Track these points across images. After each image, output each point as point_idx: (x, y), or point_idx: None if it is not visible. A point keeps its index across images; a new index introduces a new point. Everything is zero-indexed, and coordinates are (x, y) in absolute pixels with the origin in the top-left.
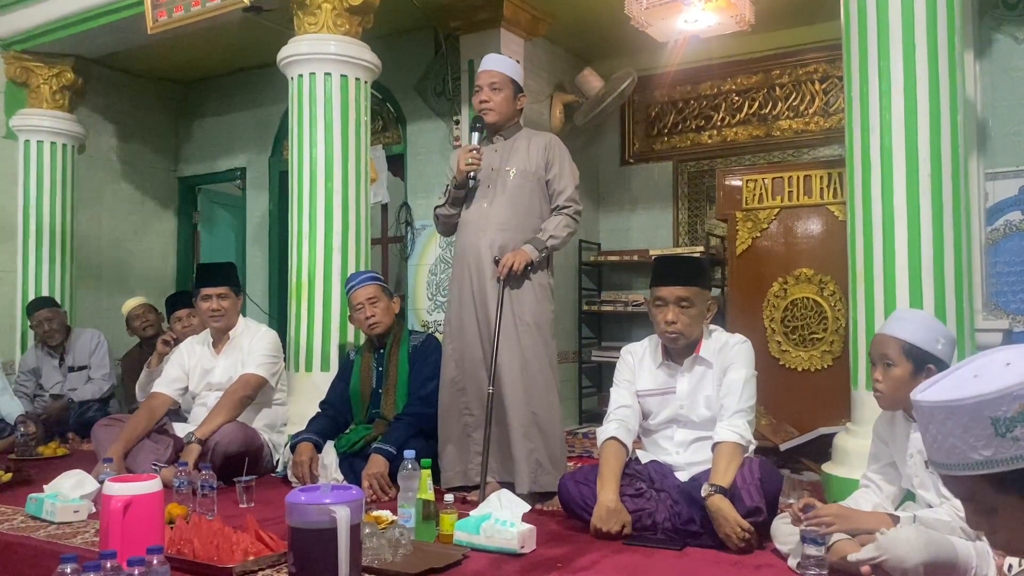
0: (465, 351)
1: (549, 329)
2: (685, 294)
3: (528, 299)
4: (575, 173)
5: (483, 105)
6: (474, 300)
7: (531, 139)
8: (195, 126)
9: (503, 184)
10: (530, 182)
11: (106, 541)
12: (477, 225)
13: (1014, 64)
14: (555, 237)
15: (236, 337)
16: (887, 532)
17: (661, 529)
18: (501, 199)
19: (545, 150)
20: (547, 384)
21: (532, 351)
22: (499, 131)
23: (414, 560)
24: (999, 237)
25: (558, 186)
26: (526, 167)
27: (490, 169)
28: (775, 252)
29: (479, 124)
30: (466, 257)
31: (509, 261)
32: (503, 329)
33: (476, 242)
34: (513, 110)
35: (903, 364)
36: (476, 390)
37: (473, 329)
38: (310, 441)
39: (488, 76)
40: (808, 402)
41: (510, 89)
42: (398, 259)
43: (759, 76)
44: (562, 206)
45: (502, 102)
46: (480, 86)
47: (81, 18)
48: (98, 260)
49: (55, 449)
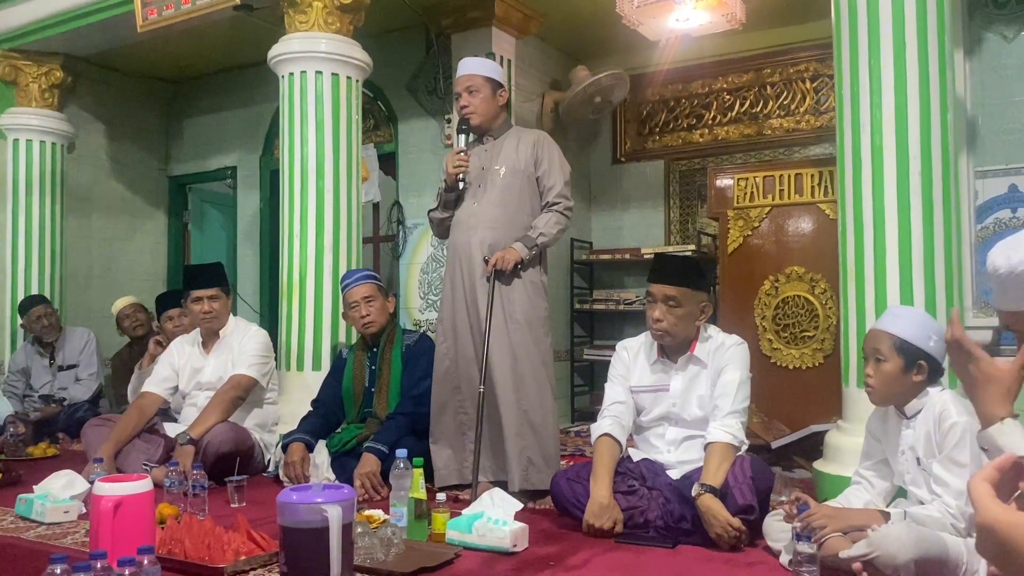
0: (458, 350)
1: (542, 327)
2: (673, 293)
3: (519, 297)
4: (565, 169)
5: (465, 110)
6: (466, 299)
7: (520, 137)
8: (185, 125)
9: (493, 183)
10: (519, 179)
11: (96, 541)
12: (467, 224)
13: (1003, 63)
14: (545, 235)
15: (226, 337)
16: (878, 529)
17: (653, 527)
18: (491, 197)
19: (534, 147)
20: (539, 382)
21: (523, 349)
22: (487, 132)
23: (406, 559)
24: (989, 235)
25: (548, 182)
26: (515, 165)
27: (480, 169)
28: (766, 250)
29: (465, 127)
30: (457, 256)
31: (497, 259)
32: (494, 327)
33: (467, 241)
34: (495, 108)
35: (894, 360)
36: (470, 388)
37: (465, 328)
38: (301, 441)
39: (464, 81)
40: (799, 400)
41: (488, 88)
42: (390, 258)
43: (750, 75)
44: (552, 203)
45: (481, 103)
46: (459, 92)
47: (70, 16)
48: (88, 260)
49: (45, 449)
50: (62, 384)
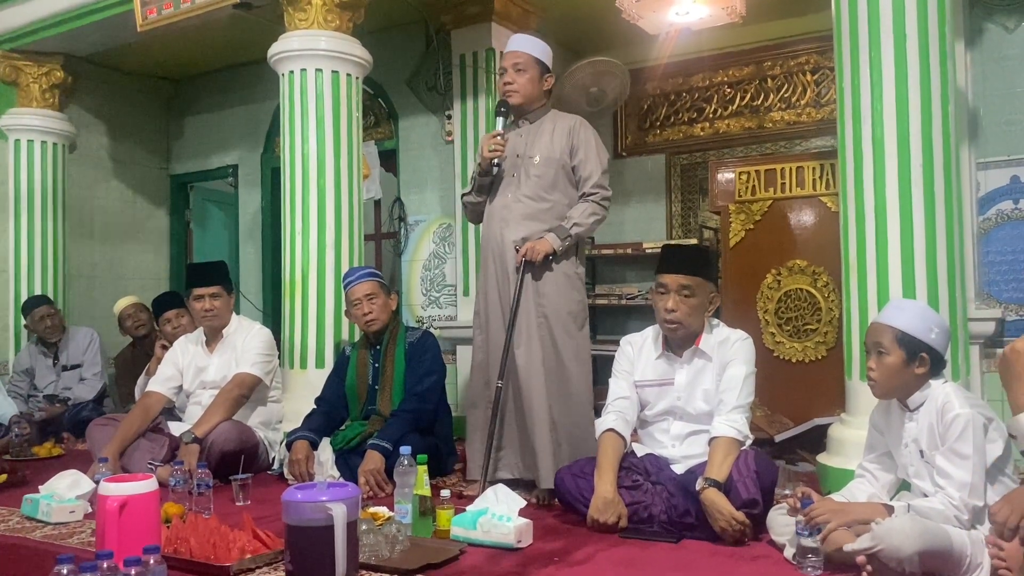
0: (490, 342)
1: (575, 321)
2: (687, 282)
3: (550, 290)
4: (603, 157)
5: (507, 87)
6: (499, 291)
7: (556, 122)
8: (186, 123)
9: (526, 172)
10: (553, 168)
11: (102, 541)
12: (500, 216)
13: (1005, 53)
14: (580, 225)
15: (229, 335)
16: (882, 522)
17: (657, 522)
18: (524, 187)
19: (569, 134)
20: (572, 377)
21: (554, 343)
22: (525, 115)
23: (411, 556)
24: (991, 227)
25: (584, 172)
26: (550, 153)
27: (515, 156)
28: (768, 244)
29: (504, 108)
30: (490, 247)
31: (527, 249)
32: (525, 321)
33: (499, 232)
34: (539, 92)
35: (896, 352)
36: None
37: (498, 320)
38: (305, 439)
39: (512, 57)
40: (802, 393)
41: (535, 70)
42: (392, 255)
43: (751, 68)
44: (589, 193)
45: (526, 83)
46: (504, 67)
47: (70, 16)
48: (90, 260)
49: (50, 449)
50: (66, 384)
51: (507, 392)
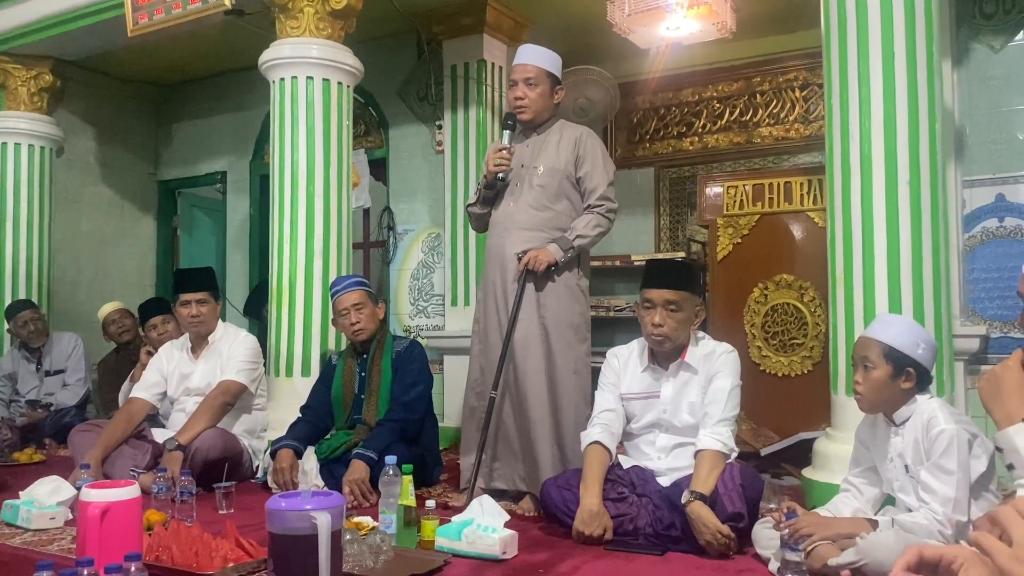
0: (488, 354)
1: (576, 333)
2: (673, 297)
3: (551, 302)
4: (609, 168)
5: (518, 103)
6: (497, 303)
7: (563, 132)
8: (175, 129)
9: (530, 182)
10: (557, 179)
11: (83, 548)
12: (503, 226)
13: (991, 73)
14: (583, 236)
15: (215, 342)
16: (867, 536)
17: (643, 534)
18: (527, 198)
19: (575, 145)
20: (571, 390)
21: (554, 355)
22: (534, 128)
23: (395, 566)
24: (976, 244)
25: (590, 184)
26: (555, 164)
27: (520, 166)
28: (756, 258)
29: (511, 122)
30: (493, 258)
31: (529, 259)
32: (527, 331)
33: (501, 243)
34: (550, 106)
35: (882, 367)
36: (498, 393)
37: (496, 332)
38: (290, 447)
39: (523, 71)
40: (788, 407)
41: (547, 84)
42: (380, 264)
43: (740, 83)
44: (594, 205)
45: (538, 98)
46: (515, 81)
47: (60, 20)
48: (76, 264)
49: (31, 455)
50: (49, 389)
51: (505, 403)
